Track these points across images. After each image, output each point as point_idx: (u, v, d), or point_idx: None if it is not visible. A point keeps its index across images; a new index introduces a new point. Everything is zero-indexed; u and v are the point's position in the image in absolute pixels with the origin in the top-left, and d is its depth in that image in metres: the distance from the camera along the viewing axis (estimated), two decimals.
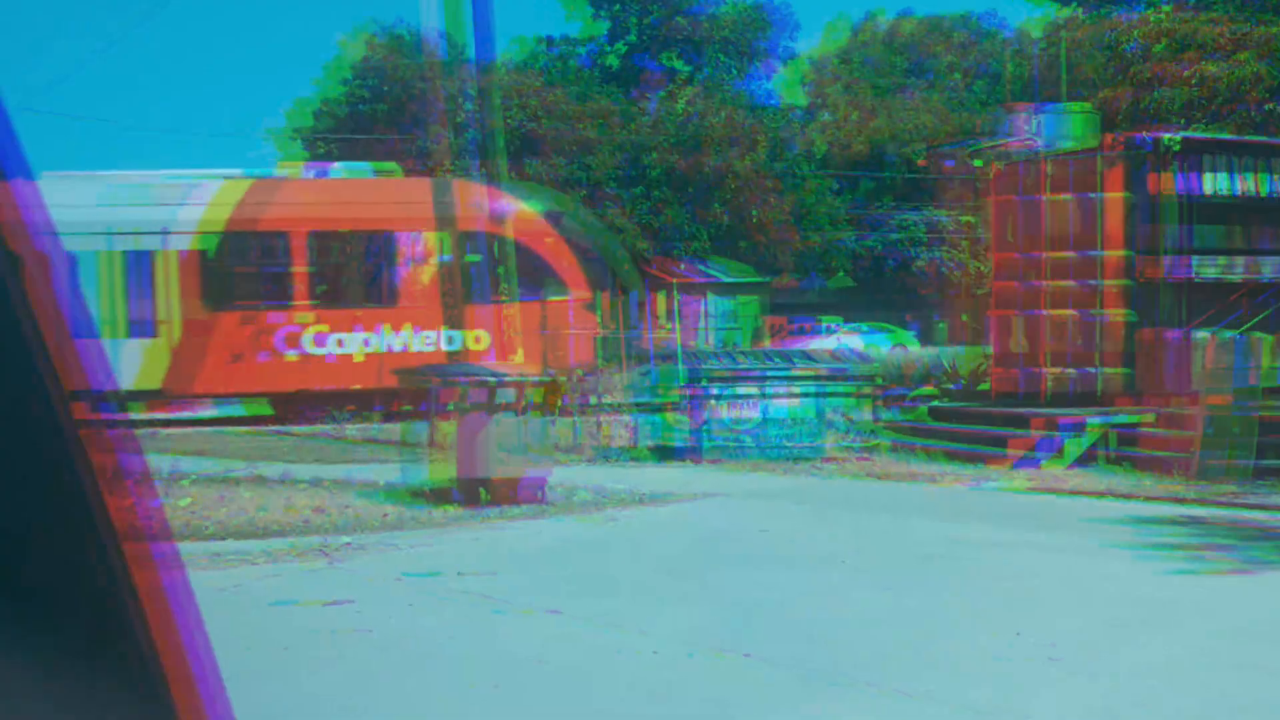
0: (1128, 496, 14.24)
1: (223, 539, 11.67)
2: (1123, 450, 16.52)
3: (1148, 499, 14.03)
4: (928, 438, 18.63)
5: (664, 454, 18.48)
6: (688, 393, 18.35)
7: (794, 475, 16.30)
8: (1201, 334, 17.04)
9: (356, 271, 25.24)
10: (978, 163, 26.59)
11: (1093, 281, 17.49)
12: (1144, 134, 17.29)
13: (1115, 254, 17.32)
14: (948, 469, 16.56)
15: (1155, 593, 9.05)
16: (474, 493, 13.38)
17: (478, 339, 21.59)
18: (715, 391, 17.40)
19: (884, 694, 6.52)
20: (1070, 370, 17.85)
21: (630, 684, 6.79)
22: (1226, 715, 6.14)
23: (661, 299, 48.50)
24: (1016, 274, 18.54)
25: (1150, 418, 16.81)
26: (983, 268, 23.25)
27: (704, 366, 17.68)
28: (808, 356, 18.66)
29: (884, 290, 58.80)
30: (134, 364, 22.20)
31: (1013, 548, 10.96)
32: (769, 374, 17.56)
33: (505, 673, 7.02)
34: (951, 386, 21.47)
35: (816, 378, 17.56)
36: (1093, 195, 17.37)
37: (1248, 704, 6.33)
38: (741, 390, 17.47)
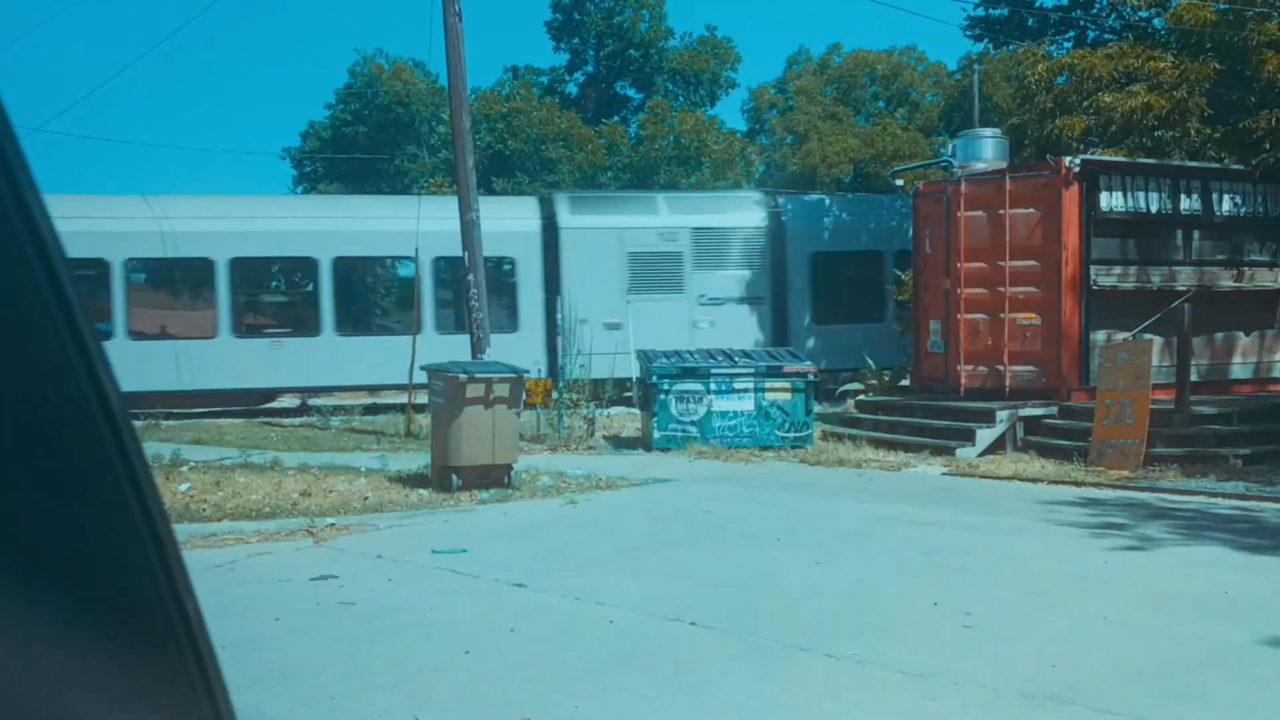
0: (1034, 480, 14.32)
1: (219, 520, 11.53)
2: (1029, 439, 16.65)
3: (1051, 482, 14.13)
4: (858, 428, 18.70)
5: (621, 444, 18.46)
6: (643, 388, 18.31)
7: (736, 462, 16.30)
8: (1098, 335, 17.20)
9: None
10: (898, 182, 26.72)
11: (1001, 288, 17.61)
12: (1053, 158, 17.40)
13: (1025, 263, 17.44)
14: (874, 456, 16.61)
15: (1066, 566, 9.08)
16: (449, 479, 13.30)
17: None
18: (667, 387, 17.37)
19: (824, 658, 6.49)
20: (982, 367, 17.97)
21: (593, 651, 6.72)
22: (1132, 673, 6.14)
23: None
24: (938, 281, 18.64)
25: (1054, 410, 16.95)
26: (904, 276, 23.36)
27: (656, 365, 17.62)
28: (747, 355, 18.63)
29: None
30: None
31: (934, 526, 10.99)
32: (713, 370, 17.54)
33: (478, 640, 6.94)
34: (880, 383, 21.53)
35: (756, 374, 17.55)
36: (1001, 211, 17.49)
37: (1147, 665, 6.35)
38: (689, 385, 17.45)
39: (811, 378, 17.71)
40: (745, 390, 17.51)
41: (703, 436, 17.41)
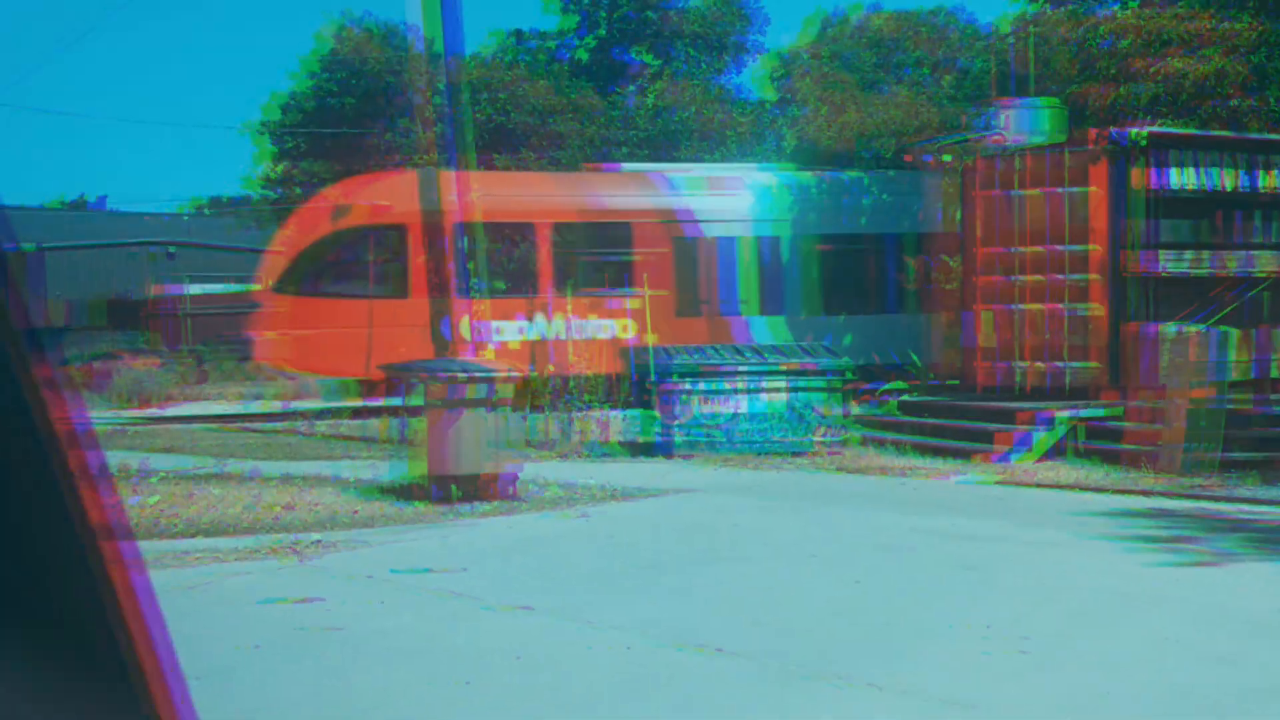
0: (1097, 489, 14.34)
1: (192, 536, 11.61)
2: (1092, 443, 16.64)
3: (1116, 491, 14.14)
4: (898, 431, 18.71)
5: (636, 449, 18.51)
6: (659, 388, 18.36)
7: (765, 470, 16.35)
8: (1169, 328, 17.18)
9: None
10: (946, 157, 26.72)
11: (1062, 276, 17.60)
12: (1113, 129, 17.36)
13: (1088, 248, 17.42)
14: (918, 462, 16.64)
15: (1122, 584, 9.12)
16: (445, 489, 13.36)
17: None
18: (687, 386, 17.41)
19: (855, 687, 6.55)
20: (1040, 364, 17.96)
21: (603, 680, 6.80)
22: (1190, 704, 6.19)
23: None
24: (993, 269, 18.62)
25: (1119, 411, 16.93)
26: (952, 263, 23.35)
27: (675, 361, 17.66)
28: (778, 351, 18.67)
29: None
30: None
31: (982, 540, 11.03)
32: (740, 368, 17.57)
33: (478, 669, 7.02)
34: (924, 381, 21.55)
35: (788, 372, 17.58)
36: (1062, 190, 17.48)
37: (1210, 693, 6.39)
38: (713, 385, 17.49)
39: (850, 375, 17.73)
40: (775, 390, 17.51)
41: (728, 441, 17.43)
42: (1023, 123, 19.15)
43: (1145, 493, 13.96)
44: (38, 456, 0.99)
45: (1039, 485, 14.82)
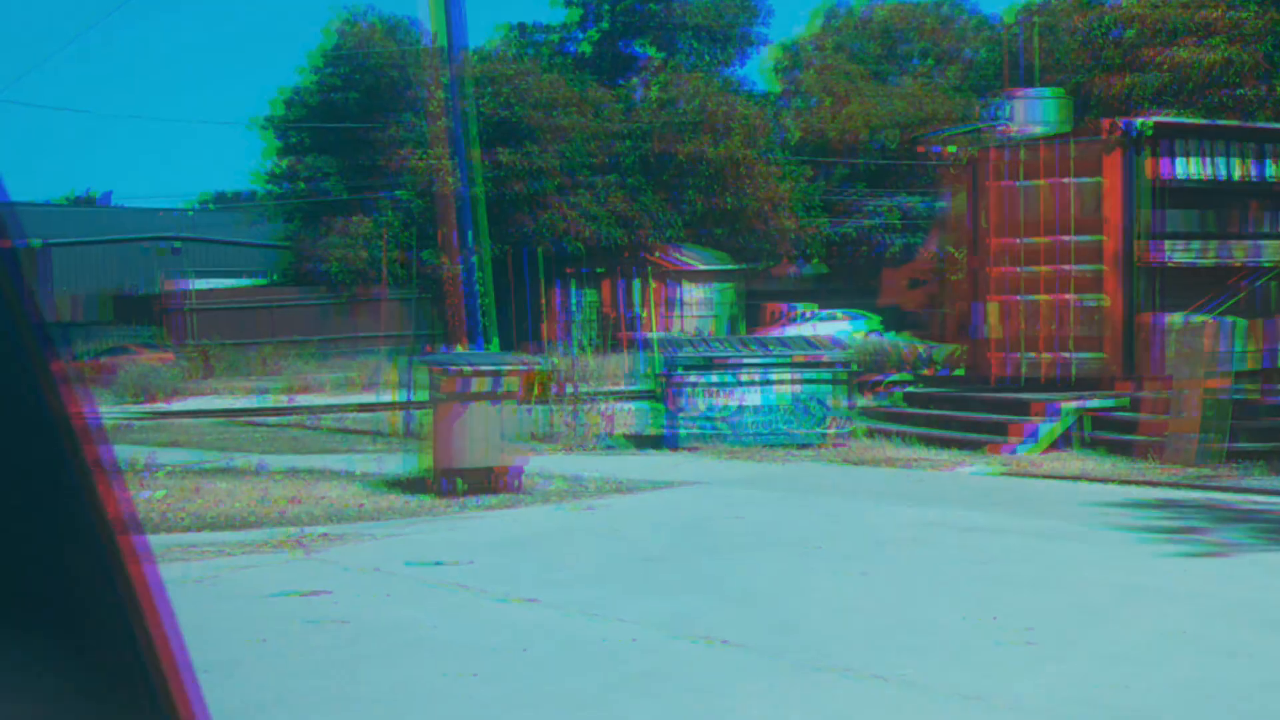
0: (1104, 480, 14.32)
1: (198, 530, 11.63)
2: (1099, 434, 16.61)
3: (1123, 482, 14.12)
4: (903, 423, 18.70)
5: (641, 442, 18.50)
6: (664, 381, 18.34)
7: (770, 462, 16.33)
8: (1176, 318, 17.13)
9: None
10: (951, 148, 26.71)
11: (1070, 267, 17.55)
12: (1124, 119, 17.31)
13: (1100, 239, 17.35)
14: (924, 454, 16.62)
15: (1130, 577, 9.10)
16: (451, 482, 13.37)
17: None
18: (691, 379, 17.39)
19: (861, 679, 6.54)
20: (1048, 355, 17.91)
21: (610, 672, 6.79)
22: (1203, 695, 6.18)
23: (636, 287, 48.44)
24: (1003, 260, 18.56)
25: (1125, 402, 16.91)
26: (956, 254, 23.34)
27: (679, 355, 17.64)
28: (783, 343, 18.65)
29: (858, 277, 58.90)
30: None
31: (988, 532, 11.02)
32: (745, 361, 17.55)
33: (485, 661, 7.02)
34: (929, 372, 21.52)
35: (792, 365, 17.55)
36: (1071, 180, 17.42)
37: (1221, 685, 6.38)
38: (717, 378, 17.47)
39: (854, 367, 17.71)
40: (780, 382, 17.48)
41: (733, 433, 17.40)
42: (1029, 113, 19.12)
43: (1153, 483, 13.93)
44: (57, 449, 0.99)
45: (1045, 476, 14.80)
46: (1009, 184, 17.87)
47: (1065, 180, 17.38)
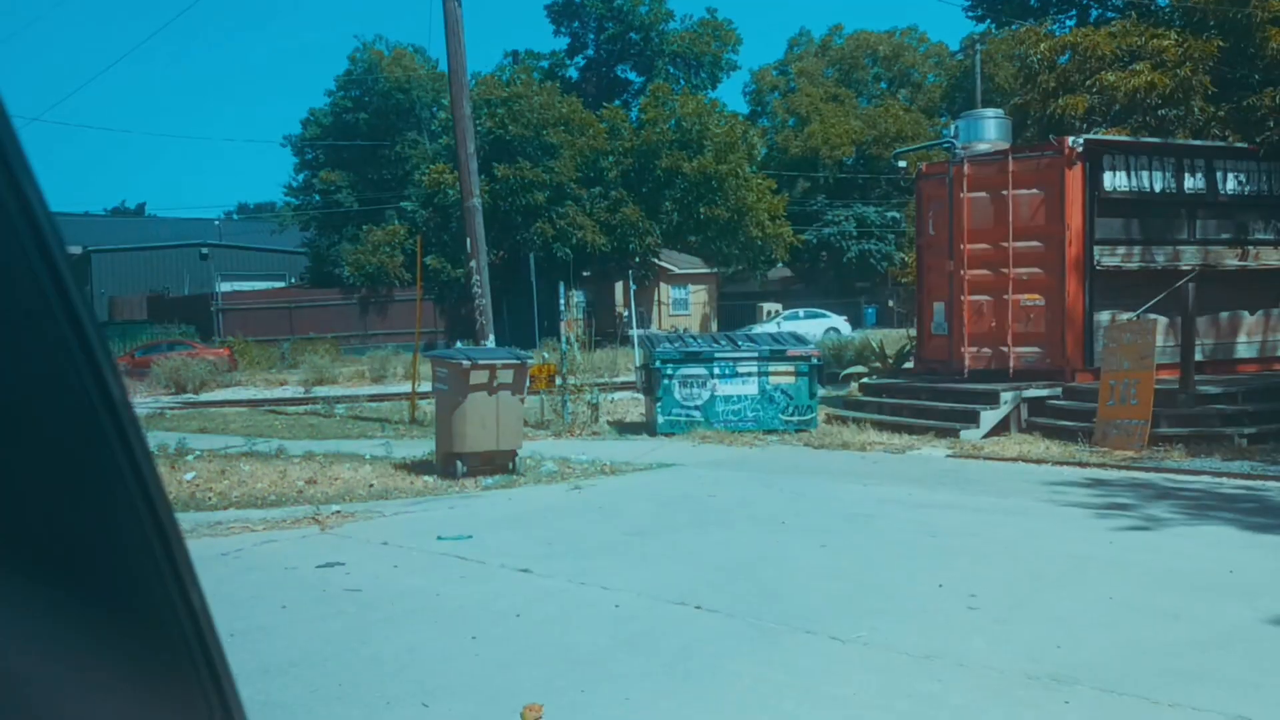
0: (1039, 461, 14.33)
1: (225, 509, 11.56)
2: (1034, 420, 16.66)
3: (1056, 463, 14.14)
4: (860, 411, 18.71)
5: (625, 429, 18.47)
6: (646, 374, 18.30)
7: (740, 446, 16.31)
8: (1103, 316, 17.18)
9: None
10: (901, 164, 26.67)
11: (1005, 269, 17.58)
12: (1072, 137, 17.30)
13: (1028, 244, 17.40)
14: (878, 438, 16.62)
15: (1067, 547, 9.09)
16: (451, 465, 13.32)
17: None
18: (670, 372, 17.37)
19: (830, 641, 6.51)
20: (986, 349, 17.95)
21: (599, 634, 6.75)
22: (1137, 652, 6.16)
23: (618, 289, 48.44)
24: (941, 263, 18.61)
25: (1058, 391, 16.94)
26: (907, 258, 23.31)
27: (660, 350, 17.61)
28: (751, 339, 18.62)
29: (820, 279, 59.03)
30: None
31: (938, 508, 11.00)
32: (717, 354, 17.53)
33: (485, 625, 6.96)
34: (885, 365, 21.53)
35: (760, 358, 17.55)
36: (1004, 192, 17.44)
37: (1152, 644, 6.36)
38: (692, 370, 17.46)
39: (815, 361, 17.71)
40: (749, 374, 17.51)
41: (707, 421, 17.42)
42: (972, 132, 19.12)
43: (1083, 464, 13.96)
44: (122, 434, 0.99)
45: (989, 458, 14.81)
46: (968, 195, 17.85)
47: (1017, 191, 17.39)
